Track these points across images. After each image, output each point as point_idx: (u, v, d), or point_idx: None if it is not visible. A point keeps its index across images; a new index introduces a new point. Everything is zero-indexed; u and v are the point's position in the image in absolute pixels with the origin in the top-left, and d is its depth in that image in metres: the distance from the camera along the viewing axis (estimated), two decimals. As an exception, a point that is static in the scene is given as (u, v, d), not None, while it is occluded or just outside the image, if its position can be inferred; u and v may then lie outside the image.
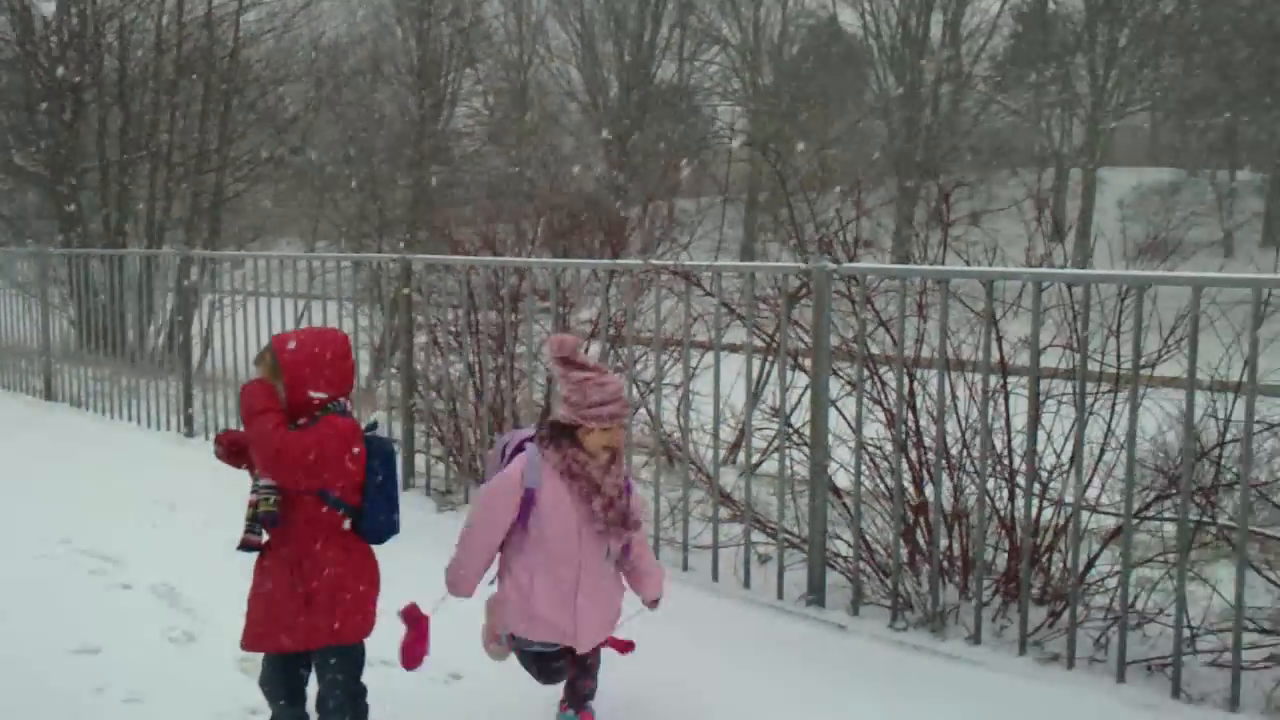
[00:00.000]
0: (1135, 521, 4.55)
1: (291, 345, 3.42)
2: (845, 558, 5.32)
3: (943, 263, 5.51)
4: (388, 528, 3.55)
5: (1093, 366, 4.74)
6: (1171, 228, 31.44)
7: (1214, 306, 4.42)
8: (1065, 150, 35.05)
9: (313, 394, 3.39)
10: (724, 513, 5.89)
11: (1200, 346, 4.17)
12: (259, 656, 3.64)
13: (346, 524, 3.50)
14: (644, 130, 33.60)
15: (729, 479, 6.30)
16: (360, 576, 3.52)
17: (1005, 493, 4.97)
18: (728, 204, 31.89)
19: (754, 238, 31.06)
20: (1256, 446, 4.30)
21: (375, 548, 3.60)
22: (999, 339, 4.91)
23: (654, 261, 6.08)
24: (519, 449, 3.79)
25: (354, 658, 3.56)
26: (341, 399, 3.47)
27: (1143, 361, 4.39)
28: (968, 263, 5.47)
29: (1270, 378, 4.28)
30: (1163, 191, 35.17)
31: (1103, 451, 4.72)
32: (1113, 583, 4.71)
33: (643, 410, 6.53)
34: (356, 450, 3.41)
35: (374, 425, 3.54)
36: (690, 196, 28.94)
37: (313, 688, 3.64)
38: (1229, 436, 4.51)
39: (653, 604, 4.03)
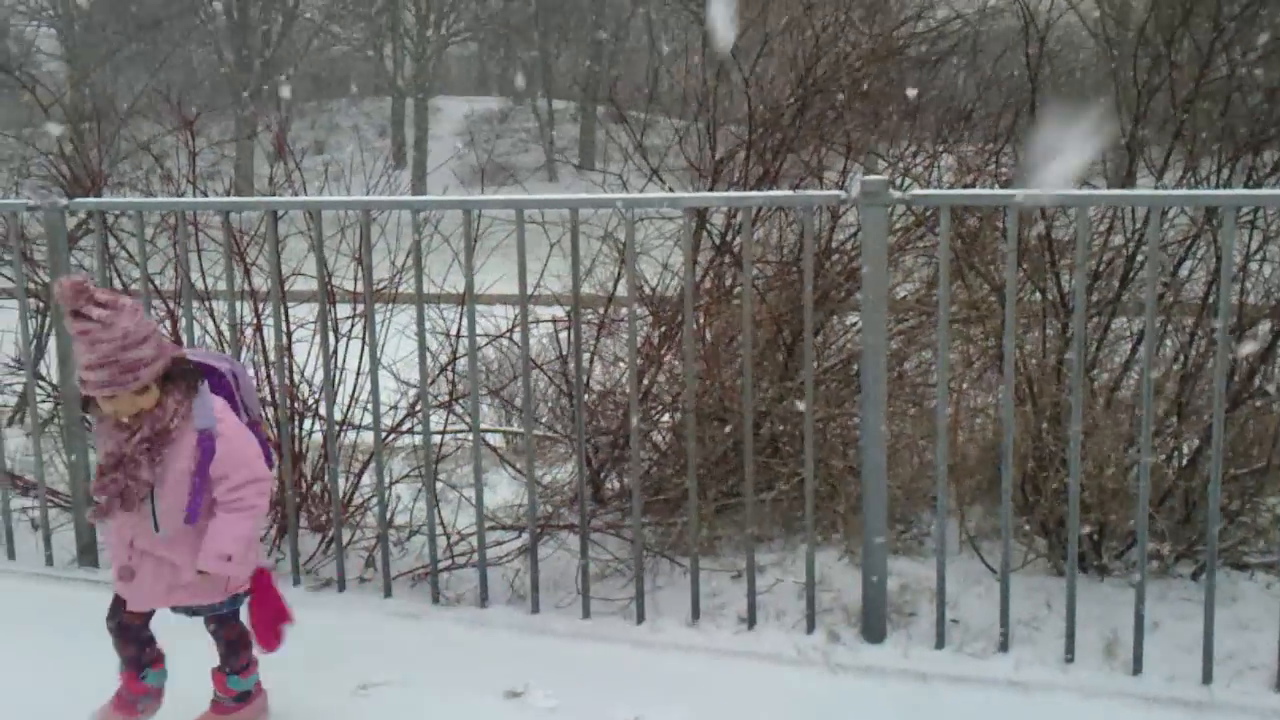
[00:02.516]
0: (388, 439, 4.68)
1: None
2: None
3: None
4: None
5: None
6: (503, 153, 33.41)
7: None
8: (399, 81, 35.78)
9: None
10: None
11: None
12: None
13: None
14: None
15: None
16: None
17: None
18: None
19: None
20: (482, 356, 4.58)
21: None
22: (246, 270, 4.81)
23: None
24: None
25: None
26: None
27: (381, 284, 4.49)
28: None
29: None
30: (492, 119, 37.17)
31: (358, 374, 4.78)
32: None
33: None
34: None
35: None
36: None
37: None
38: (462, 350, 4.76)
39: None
